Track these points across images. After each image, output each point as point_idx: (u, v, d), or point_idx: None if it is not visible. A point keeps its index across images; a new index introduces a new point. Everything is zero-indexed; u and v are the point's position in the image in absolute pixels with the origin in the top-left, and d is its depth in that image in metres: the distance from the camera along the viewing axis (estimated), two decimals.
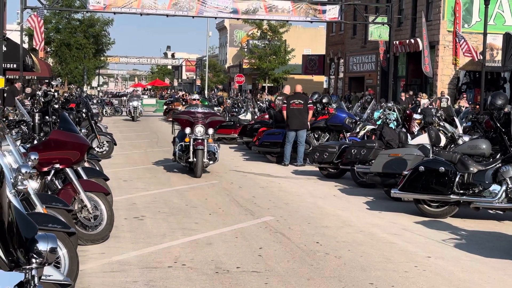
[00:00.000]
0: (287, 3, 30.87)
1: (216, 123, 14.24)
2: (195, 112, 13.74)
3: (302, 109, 15.84)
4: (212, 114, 14.25)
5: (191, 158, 13.12)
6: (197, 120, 13.41)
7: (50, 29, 48.97)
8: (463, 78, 31.90)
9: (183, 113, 14.26)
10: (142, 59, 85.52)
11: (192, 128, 13.27)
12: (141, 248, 7.49)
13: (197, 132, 13.24)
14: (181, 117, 14.01)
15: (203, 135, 13.27)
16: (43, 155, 6.92)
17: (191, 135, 13.19)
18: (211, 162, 13.41)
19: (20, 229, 3.18)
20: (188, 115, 13.68)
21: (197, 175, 13.11)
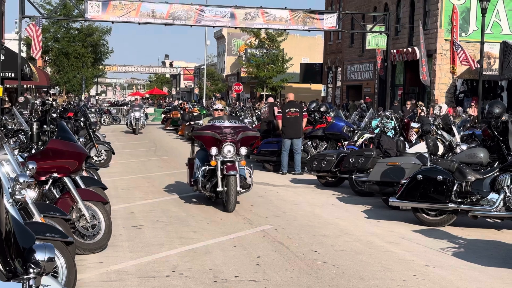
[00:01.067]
0: (284, 12, 30.94)
1: (250, 140, 11.51)
2: (222, 127, 10.77)
3: (298, 117, 15.88)
4: (243, 128, 11.20)
5: (219, 186, 10.39)
6: (226, 137, 10.62)
7: (48, 38, 49.04)
8: (461, 86, 31.96)
9: (207, 128, 11.00)
10: (140, 68, 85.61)
11: (220, 147, 10.52)
12: (139, 257, 7.48)
13: (226, 153, 10.51)
14: (204, 134, 10.86)
15: (234, 156, 10.58)
16: (41, 164, 6.92)
17: (218, 156, 10.49)
18: (243, 190, 10.70)
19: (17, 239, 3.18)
20: (214, 131, 10.70)
21: (229, 209, 10.31)
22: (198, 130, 11.53)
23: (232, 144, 10.61)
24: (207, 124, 11.27)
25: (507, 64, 26.29)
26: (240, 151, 10.67)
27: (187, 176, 11.79)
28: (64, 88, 52.26)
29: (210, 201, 11.61)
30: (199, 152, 11.40)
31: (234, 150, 10.58)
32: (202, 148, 11.30)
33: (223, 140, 10.58)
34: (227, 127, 10.82)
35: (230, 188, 10.27)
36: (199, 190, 10.96)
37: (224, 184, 10.40)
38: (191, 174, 11.40)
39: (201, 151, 11.31)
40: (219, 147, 10.54)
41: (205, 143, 10.89)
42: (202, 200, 11.75)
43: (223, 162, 10.51)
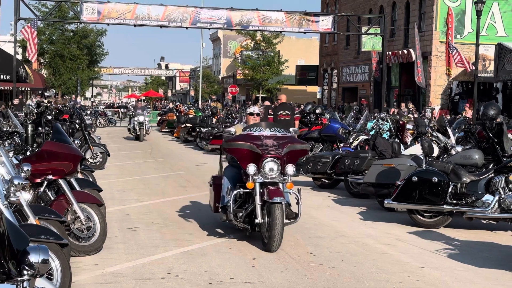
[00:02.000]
0: (280, 14, 30.97)
1: (299, 155, 8.84)
2: (262, 137, 8.29)
3: (290, 120, 15.88)
4: (289, 139, 8.47)
5: (258, 217, 7.96)
6: (267, 151, 8.15)
7: (43, 40, 48.99)
8: (456, 88, 32.05)
9: (242, 138, 8.42)
10: (136, 70, 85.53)
11: (259, 164, 8.09)
12: (135, 259, 7.46)
13: (268, 172, 8.06)
14: (239, 146, 8.35)
15: (278, 177, 8.12)
16: (36, 166, 6.91)
17: (257, 176, 8.07)
18: (288, 221, 8.26)
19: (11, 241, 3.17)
20: (251, 142, 8.22)
21: (272, 248, 7.86)
22: (230, 141, 8.52)
23: (276, 160, 8.06)
24: (241, 134, 8.52)
25: (502, 66, 26.38)
26: (286, 169, 8.09)
27: (211, 199, 9.39)
28: (59, 90, 52.20)
29: (206, 203, 11.58)
30: (228, 169, 8.92)
31: (278, 168, 8.06)
32: (232, 164, 8.89)
33: (263, 155, 8.05)
34: (268, 137, 8.26)
35: (275, 220, 7.74)
36: (229, 219, 8.41)
37: (265, 214, 7.94)
38: (217, 197, 9.00)
39: (231, 168, 8.89)
40: (258, 163, 8.06)
41: (239, 158, 8.34)
42: (198, 202, 11.74)
43: (264, 184, 8.06)
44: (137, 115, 27.75)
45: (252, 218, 8.18)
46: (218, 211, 8.96)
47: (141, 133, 27.36)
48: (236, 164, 8.65)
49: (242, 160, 8.27)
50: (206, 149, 22.73)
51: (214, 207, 9.18)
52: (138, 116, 27.59)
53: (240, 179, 8.51)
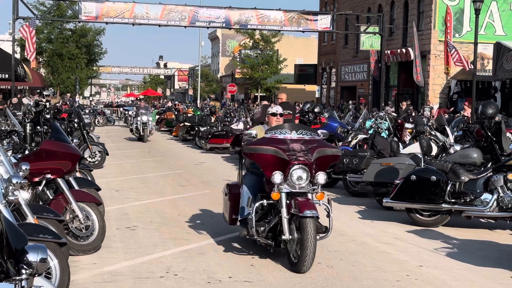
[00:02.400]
0: (279, 13, 30.96)
1: (330, 161, 7.75)
2: (288, 141, 7.25)
3: (292, 119, 15.83)
4: (319, 143, 7.41)
5: (285, 233, 6.94)
6: (295, 157, 7.10)
7: (42, 39, 48.93)
8: (454, 87, 32.05)
9: (265, 142, 7.33)
10: (134, 69, 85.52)
11: (286, 171, 7.06)
12: (133, 258, 7.46)
13: (296, 180, 7.07)
14: (262, 151, 7.24)
15: (308, 186, 7.14)
16: (35, 165, 6.90)
17: (283, 185, 7.05)
18: (318, 236, 7.04)
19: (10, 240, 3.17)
20: (277, 147, 7.17)
21: (303, 269, 6.88)
22: (251, 145, 7.43)
23: (304, 167, 7.05)
24: (264, 137, 7.48)
25: (500, 65, 26.39)
26: (316, 178, 7.11)
27: (226, 210, 8.34)
28: (58, 89, 52.16)
29: (205, 202, 11.58)
30: (248, 177, 7.91)
31: (307, 176, 7.06)
32: (253, 171, 7.89)
33: (290, 161, 7.03)
34: (295, 141, 7.24)
35: (306, 237, 6.71)
36: (250, 235, 7.41)
37: (293, 229, 6.92)
38: (233, 208, 8.01)
39: (251, 175, 7.88)
40: (284, 171, 7.03)
41: (262, 165, 7.26)
42: (197, 201, 11.74)
43: (290, 194, 7.06)
44: (140, 115, 26.43)
45: (276, 233, 7.20)
46: (234, 223, 8.01)
47: (145, 133, 26.16)
48: (256, 170, 7.67)
49: (265, 167, 7.17)
50: (204, 148, 22.74)
51: (230, 218, 8.10)
52: (141, 116, 26.30)
53: (262, 188, 7.55)
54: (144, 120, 26.18)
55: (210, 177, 15.26)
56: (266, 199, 7.32)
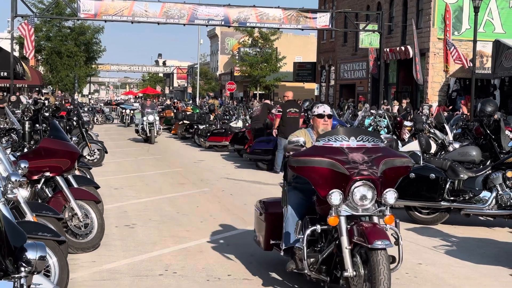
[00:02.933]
0: (278, 11, 30.96)
1: (399, 174, 6.04)
2: (346, 150, 5.73)
3: (297, 118, 15.85)
4: (384, 151, 5.87)
5: (348, 268, 5.47)
6: (357, 170, 5.59)
7: (40, 37, 48.88)
8: (454, 85, 32.07)
9: (318, 152, 5.79)
10: (133, 67, 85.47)
11: (346, 189, 5.58)
12: (132, 256, 7.47)
13: (359, 200, 5.57)
14: (315, 164, 5.72)
15: (373, 207, 5.66)
16: (33, 163, 6.90)
17: (341, 207, 5.58)
18: None
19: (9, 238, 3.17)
20: (333, 158, 5.67)
21: None
22: (300, 156, 5.84)
23: (370, 183, 5.53)
24: (315, 145, 5.91)
25: (499, 62, 26.40)
26: (384, 197, 5.56)
27: (259, 231, 6.95)
28: (56, 87, 52.13)
29: (204, 200, 11.59)
30: (292, 194, 6.37)
31: (373, 195, 5.53)
32: (296, 186, 6.40)
33: (352, 177, 5.50)
34: (355, 149, 5.70)
35: (378, 273, 5.26)
36: (299, 269, 6.00)
37: (357, 263, 5.47)
38: (270, 231, 6.66)
39: (296, 192, 6.36)
40: (343, 188, 5.53)
41: (315, 181, 5.70)
42: (196, 199, 11.74)
43: (351, 217, 5.61)
44: (146, 114, 24.38)
45: (331, 266, 5.78)
46: (271, 249, 6.71)
47: (152, 134, 24.08)
48: (301, 185, 6.29)
49: (319, 183, 5.64)
50: (203, 146, 22.73)
51: (267, 244, 6.70)
52: (147, 115, 24.26)
53: (309, 206, 6.14)
54: (150, 120, 24.25)
55: (209, 175, 15.26)
56: (318, 222, 5.83)
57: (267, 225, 6.71)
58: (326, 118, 6.72)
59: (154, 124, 24.26)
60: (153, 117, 24.24)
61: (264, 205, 6.92)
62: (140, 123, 25.02)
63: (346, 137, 5.78)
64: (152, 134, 24.03)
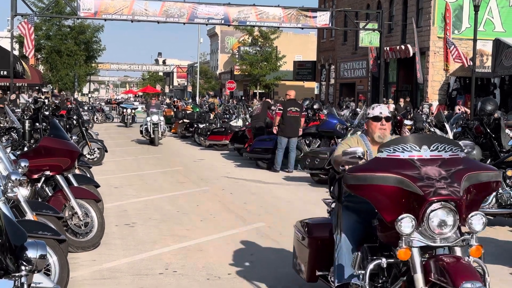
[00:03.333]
0: (278, 9, 30.95)
1: (486, 191, 4.80)
2: (418, 163, 4.49)
3: (298, 117, 15.87)
4: (465, 163, 4.67)
5: None
6: (432, 189, 4.32)
7: (40, 36, 48.86)
8: (454, 84, 32.06)
9: (382, 166, 4.52)
10: (133, 66, 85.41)
11: (420, 213, 4.32)
12: (132, 255, 7.47)
13: (435, 227, 4.35)
14: (379, 181, 4.45)
15: (455, 236, 4.41)
16: (34, 162, 6.90)
17: (415, 236, 4.35)
18: None
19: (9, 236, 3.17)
20: (401, 173, 4.40)
21: None
22: (359, 172, 4.64)
23: (450, 205, 4.36)
24: (376, 157, 4.71)
25: (499, 61, 26.38)
26: (469, 222, 4.39)
27: (301, 259, 5.86)
28: (56, 86, 52.12)
29: (204, 199, 11.58)
30: (346, 217, 5.21)
31: (455, 220, 4.38)
32: (348, 206, 5.22)
33: (427, 197, 4.33)
34: (429, 161, 4.55)
35: None
36: None
37: None
38: (315, 260, 5.61)
39: (350, 214, 5.20)
40: (416, 212, 4.35)
41: (379, 204, 4.52)
42: (196, 198, 11.75)
43: (426, 248, 4.44)
44: (150, 114, 22.98)
45: None
46: (315, 280, 5.66)
47: (156, 136, 22.69)
48: (355, 205, 5.12)
49: (384, 206, 4.45)
50: (203, 144, 22.73)
51: (310, 274, 5.61)
52: (151, 115, 22.83)
53: (367, 230, 5.02)
54: (155, 120, 22.73)
55: (209, 174, 15.26)
56: (379, 251, 4.72)
57: (312, 253, 5.57)
58: (383, 122, 5.44)
59: (159, 125, 22.90)
60: (158, 117, 22.92)
61: (307, 228, 5.71)
62: (144, 124, 23.67)
63: (417, 146, 4.57)
64: (155, 136, 22.70)
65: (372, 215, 4.82)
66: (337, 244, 5.15)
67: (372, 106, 5.65)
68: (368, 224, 4.95)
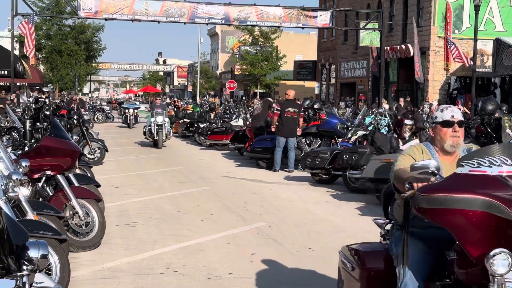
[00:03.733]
0: (278, 9, 30.94)
1: None
2: (510, 181, 3.45)
3: (296, 117, 15.88)
4: None
5: None
6: None
7: (41, 36, 48.85)
8: (454, 83, 32.04)
9: (463, 185, 3.50)
10: (133, 65, 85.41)
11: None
12: (133, 254, 7.47)
13: None
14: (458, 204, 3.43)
15: None
16: (34, 161, 6.90)
17: (507, 276, 3.31)
18: None
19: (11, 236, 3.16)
20: (489, 195, 3.37)
21: None
22: (435, 192, 3.57)
23: None
24: (457, 173, 3.64)
25: (500, 61, 26.36)
26: None
27: None
28: (57, 86, 52.12)
29: (204, 199, 11.59)
30: (412, 246, 4.16)
31: None
32: (417, 233, 4.21)
33: None
34: None
35: None
36: None
37: None
38: None
39: (416, 242, 4.19)
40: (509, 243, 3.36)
41: (459, 232, 3.50)
42: (196, 197, 11.74)
43: None
44: (154, 114, 21.77)
45: None
46: None
47: (160, 138, 21.49)
48: (421, 230, 4.17)
49: (467, 236, 3.50)
50: (204, 144, 22.73)
51: None
52: (156, 116, 21.58)
53: (436, 261, 4.11)
54: (159, 121, 21.46)
55: (210, 173, 15.26)
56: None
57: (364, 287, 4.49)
58: (456, 127, 4.39)
59: (163, 126, 21.63)
60: (163, 118, 21.59)
61: (358, 256, 4.64)
62: (148, 125, 22.33)
63: (508, 159, 3.59)
64: (159, 138, 21.46)
65: (442, 243, 3.94)
66: (402, 281, 4.06)
67: (441, 108, 4.53)
68: (437, 254, 4.07)
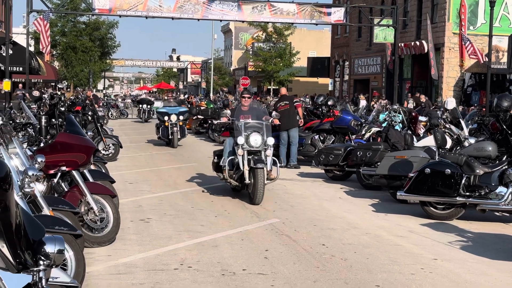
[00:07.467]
0: (292, 5, 30.89)
1: None
2: None
3: (289, 109, 16.09)
4: None
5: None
6: None
7: (56, 32, 49.13)
8: (469, 80, 31.86)
9: None
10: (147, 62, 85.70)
11: None
12: (147, 250, 7.50)
13: None
14: None
15: None
16: (50, 157, 6.93)
17: None
18: None
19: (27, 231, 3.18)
20: None
21: None
22: None
23: None
24: None
25: None
26: None
27: None
28: (71, 83, 52.37)
29: (218, 195, 11.62)
30: None
31: None
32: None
33: None
34: None
35: None
36: None
37: None
38: None
39: None
40: None
41: None
42: (210, 193, 11.77)
43: None
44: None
45: None
46: None
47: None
48: None
49: None
50: (218, 140, 22.75)
51: None
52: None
53: None
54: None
55: None
56: None
57: None
58: None
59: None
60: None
61: None
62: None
63: None
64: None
65: None
66: None
67: None
68: None
